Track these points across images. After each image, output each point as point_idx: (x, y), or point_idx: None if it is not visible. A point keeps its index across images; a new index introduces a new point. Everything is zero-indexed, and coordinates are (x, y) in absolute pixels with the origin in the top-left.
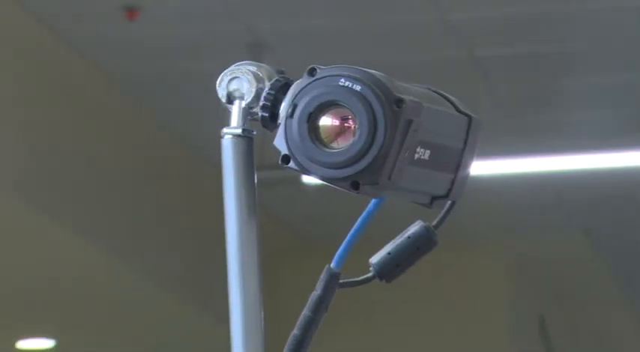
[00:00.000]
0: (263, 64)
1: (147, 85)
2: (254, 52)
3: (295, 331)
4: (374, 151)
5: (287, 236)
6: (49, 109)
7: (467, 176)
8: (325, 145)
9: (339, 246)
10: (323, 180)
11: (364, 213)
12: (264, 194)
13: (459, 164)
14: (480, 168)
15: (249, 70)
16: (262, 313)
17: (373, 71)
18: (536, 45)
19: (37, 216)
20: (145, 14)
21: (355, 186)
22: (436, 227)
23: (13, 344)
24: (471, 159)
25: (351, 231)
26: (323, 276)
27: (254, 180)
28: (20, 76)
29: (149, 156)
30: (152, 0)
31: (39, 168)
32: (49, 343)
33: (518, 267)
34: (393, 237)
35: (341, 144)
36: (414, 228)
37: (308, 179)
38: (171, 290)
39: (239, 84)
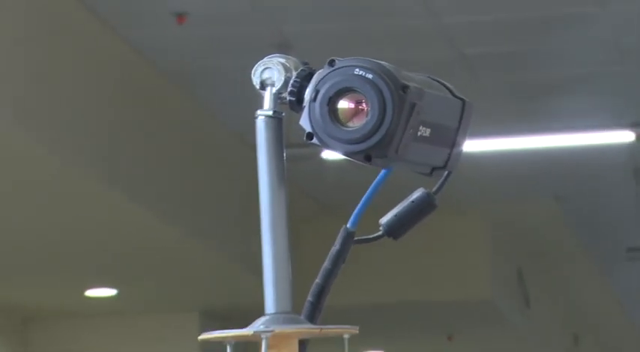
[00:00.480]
0: (290, 57)
1: (193, 76)
2: (279, 51)
3: (317, 280)
4: (383, 129)
5: (309, 203)
6: (119, 107)
7: (460, 151)
8: (342, 124)
9: (353, 211)
10: (340, 153)
11: (375, 182)
12: (289, 168)
13: (454, 140)
14: (470, 146)
15: (279, 61)
16: (290, 264)
17: (383, 62)
18: (516, 46)
19: (108, 186)
20: (190, 20)
21: (368, 158)
22: (435, 193)
23: (82, 293)
24: (464, 136)
25: (364, 197)
26: (340, 234)
27: (283, 153)
28: (88, 75)
29: (195, 137)
30: (196, 8)
31: (117, 146)
32: (112, 292)
33: (500, 229)
34: (398, 203)
35: (356, 124)
36: (417, 193)
37: (326, 155)
38: (218, 248)
39: (270, 73)
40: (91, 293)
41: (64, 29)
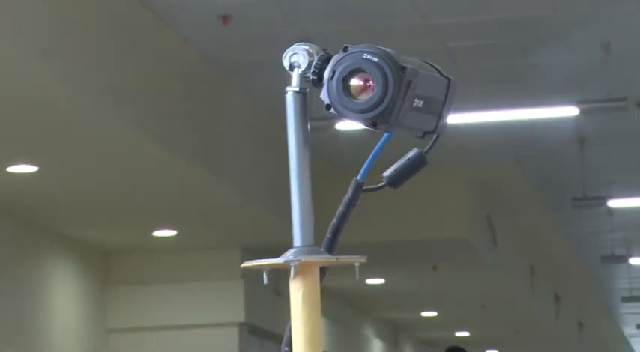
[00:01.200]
0: (313, 45)
1: (239, 65)
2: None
3: (334, 221)
4: (386, 102)
5: (325, 165)
6: (177, 88)
7: (446, 118)
8: (354, 98)
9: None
10: (352, 121)
11: (379, 143)
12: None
13: (441, 110)
14: (451, 118)
15: (304, 48)
16: (312, 209)
17: (386, 48)
18: (486, 41)
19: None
20: (233, 21)
21: (374, 124)
22: (426, 152)
23: (149, 233)
24: (450, 107)
25: (370, 155)
26: (352, 185)
27: (307, 121)
28: (148, 67)
29: (237, 114)
30: (238, 11)
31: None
32: (172, 232)
33: (473, 184)
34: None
35: (364, 97)
36: (412, 152)
37: (340, 126)
38: (255, 198)
39: (297, 57)
40: (157, 233)
41: (125, 25)
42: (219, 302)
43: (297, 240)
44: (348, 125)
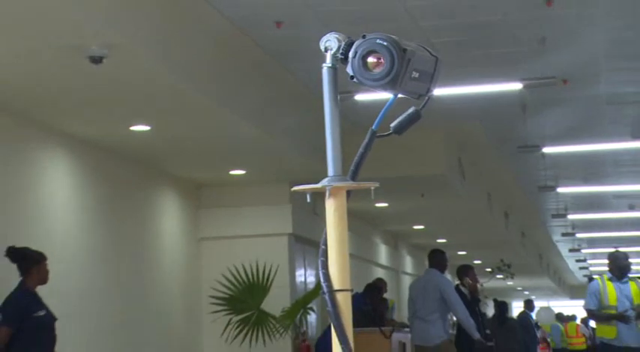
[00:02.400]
0: (340, 33)
1: (289, 54)
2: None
3: (355, 158)
4: (392, 73)
5: (348, 124)
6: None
7: (434, 85)
8: (370, 71)
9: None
10: (369, 87)
11: (387, 103)
12: None
13: (431, 79)
14: (436, 90)
15: (335, 36)
16: (340, 149)
17: (392, 35)
18: (461, 36)
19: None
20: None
21: (384, 88)
22: (420, 109)
23: (227, 172)
24: (437, 77)
25: (381, 112)
26: (368, 133)
27: (337, 88)
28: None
29: (285, 90)
30: (289, 18)
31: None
32: (242, 171)
33: (441, 137)
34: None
35: (377, 70)
36: (410, 110)
37: (357, 97)
38: (299, 148)
39: (330, 43)
40: (232, 172)
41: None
42: (275, 219)
43: (330, 171)
44: (364, 96)
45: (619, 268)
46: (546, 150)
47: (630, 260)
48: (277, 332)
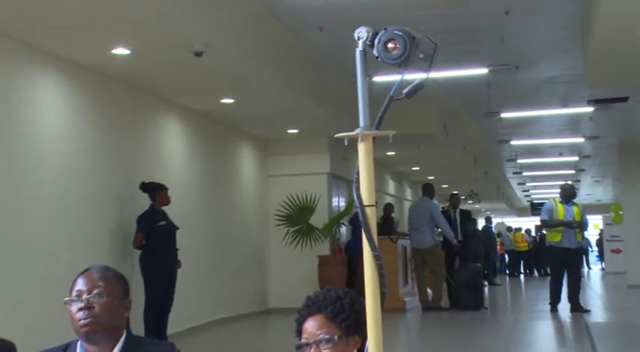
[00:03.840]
0: (368, 26)
1: (328, 50)
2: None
3: (378, 114)
4: (405, 55)
5: (370, 97)
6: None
7: (433, 64)
8: (389, 53)
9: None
10: (388, 64)
11: (400, 78)
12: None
13: (431, 59)
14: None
15: (365, 28)
16: (368, 107)
17: (405, 28)
18: (444, 32)
19: None
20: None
21: (399, 66)
22: (424, 81)
23: (286, 131)
24: (435, 58)
25: (396, 83)
26: (387, 97)
27: (366, 68)
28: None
29: (323, 77)
30: (328, 23)
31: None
32: (294, 131)
33: (437, 107)
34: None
35: (395, 53)
36: (416, 81)
37: (375, 79)
38: (332, 111)
39: (361, 33)
40: (289, 131)
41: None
42: (318, 163)
43: (361, 123)
44: (379, 78)
45: (567, 195)
46: (503, 115)
47: (552, 183)
48: (319, 239)
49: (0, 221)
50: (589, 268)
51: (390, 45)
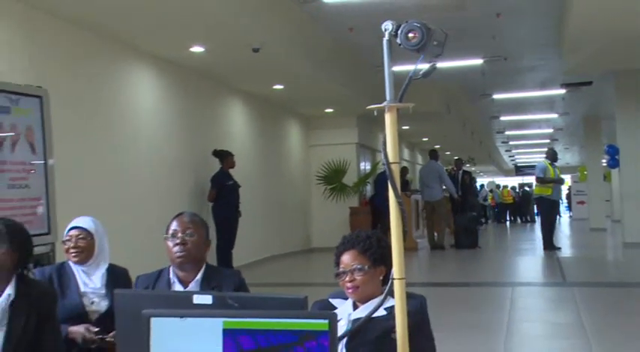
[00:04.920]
0: (393, 21)
1: (357, 47)
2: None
3: (400, 93)
4: (422, 42)
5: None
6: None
7: (443, 50)
8: (410, 41)
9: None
10: (409, 50)
11: (418, 60)
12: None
13: (443, 46)
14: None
15: (390, 22)
16: (393, 88)
17: (423, 21)
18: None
19: None
20: (355, 29)
21: (418, 51)
22: (435, 65)
23: (324, 111)
24: (446, 45)
25: (416, 63)
26: (407, 78)
27: (391, 54)
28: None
29: (352, 67)
30: (360, 26)
31: None
32: (330, 110)
33: (442, 91)
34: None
35: (414, 41)
36: (430, 63)
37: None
38: (360, 93)
39: (388, 26)
40: (326, 110)
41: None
42: (348, 135)
43: (387, 97)
44: (397, 68)
45: (553, 157)
46: (495, 96)
47: (531, 150)
48: (350, 194)
49: (112, 181)
50: (560, 216)
51: (410, 34)
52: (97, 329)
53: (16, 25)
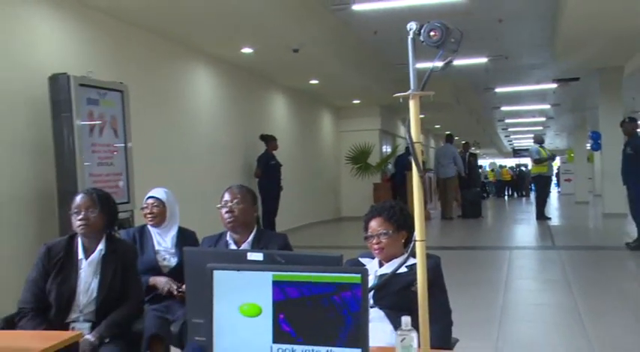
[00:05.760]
0: (417, 21)
1: (381, 48)
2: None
3: (422, 83)
4: (442, 39)
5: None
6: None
7: (459, 46)
8: (431, 38)
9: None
10: (431, 47)
11: (437, 55)
12: (402, 56)
13: (459, 43)
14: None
15: (414, 22)
16: (417, 79)
17: (442, 21)
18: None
19: None
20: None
21: (438, 47)
22: (452, 59)
23: (351, 101)
24: (461, 42)
25: (436, 57)
26: (428, 71)
27: (415, 51)
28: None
29: (377, 65)
30: (384, 29)
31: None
32: (357, 101)
33: (452, 86)
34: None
35: (435, 38)
36: (448, 58)
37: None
38: (383, 87)
39: (412, 25)
40: (354, 101)
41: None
42: (372, 122)
43: (412, 87)
44: (420, 65)
45: (540, 140)
46: (497, 90)
47: (527, 135)
48: (374, 173)
49: (178, 160)
50: (550, 192)
51: (432, 33)
52: (178, 284)
53: (105, 34)
